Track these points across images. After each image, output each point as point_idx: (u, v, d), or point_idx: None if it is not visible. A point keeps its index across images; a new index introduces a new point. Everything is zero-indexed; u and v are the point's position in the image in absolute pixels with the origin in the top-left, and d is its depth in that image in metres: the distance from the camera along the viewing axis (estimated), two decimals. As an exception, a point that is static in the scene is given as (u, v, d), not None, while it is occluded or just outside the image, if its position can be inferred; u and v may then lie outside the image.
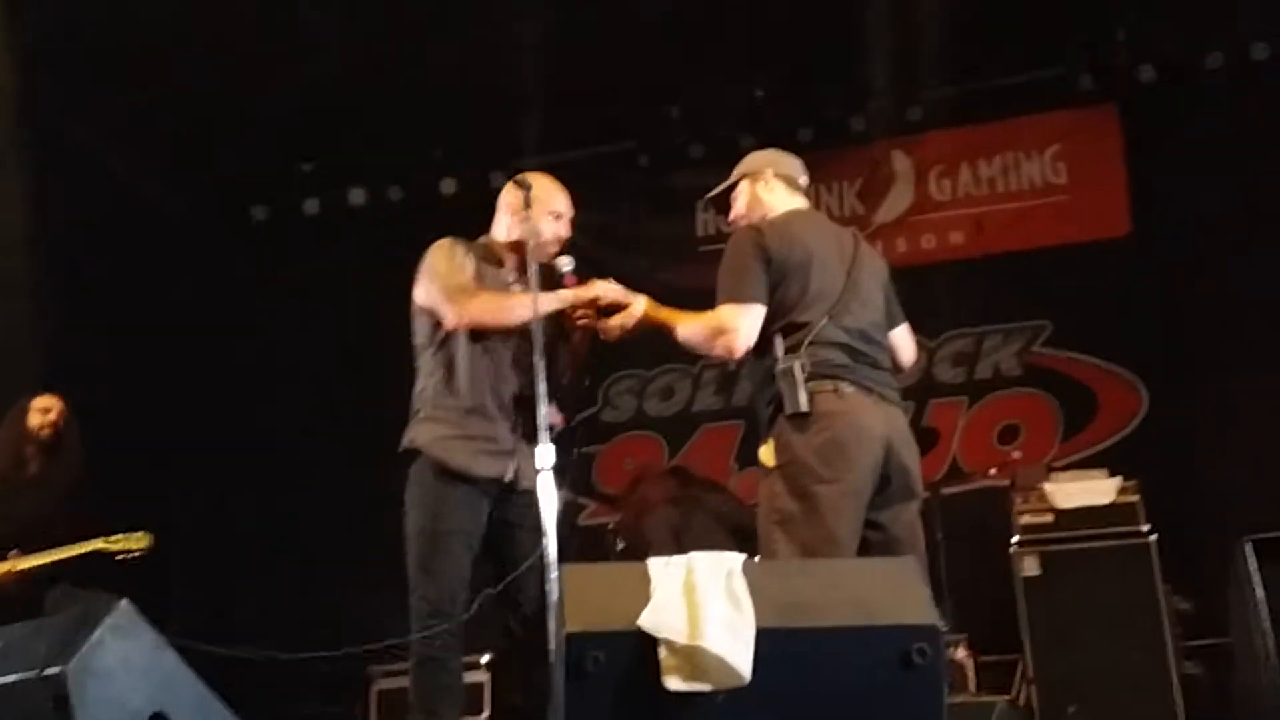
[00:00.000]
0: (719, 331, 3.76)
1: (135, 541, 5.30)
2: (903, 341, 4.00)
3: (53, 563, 5.20)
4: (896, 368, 3.95)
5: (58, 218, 6.85)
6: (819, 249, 3.81)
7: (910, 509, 3.75)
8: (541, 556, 3.47)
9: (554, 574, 3.36)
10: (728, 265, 3.80)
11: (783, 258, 3.72)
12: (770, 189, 4.08)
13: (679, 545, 5.99)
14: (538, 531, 3.56)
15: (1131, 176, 7.54)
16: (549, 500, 3.47)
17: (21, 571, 5.19)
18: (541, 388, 3.57)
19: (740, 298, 3.72)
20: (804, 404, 3.57)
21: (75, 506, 5.48)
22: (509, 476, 3.71)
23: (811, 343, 3.66)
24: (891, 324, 3.96)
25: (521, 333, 3.74)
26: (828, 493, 3.52)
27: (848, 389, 3.62)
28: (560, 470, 3.57)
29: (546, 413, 3.56)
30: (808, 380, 3.60)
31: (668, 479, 6.60)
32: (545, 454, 3.46)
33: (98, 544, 5.25)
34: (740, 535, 5.92)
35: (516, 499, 3.71)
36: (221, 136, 7.76)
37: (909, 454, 3.74)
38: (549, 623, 3.40)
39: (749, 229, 3.89)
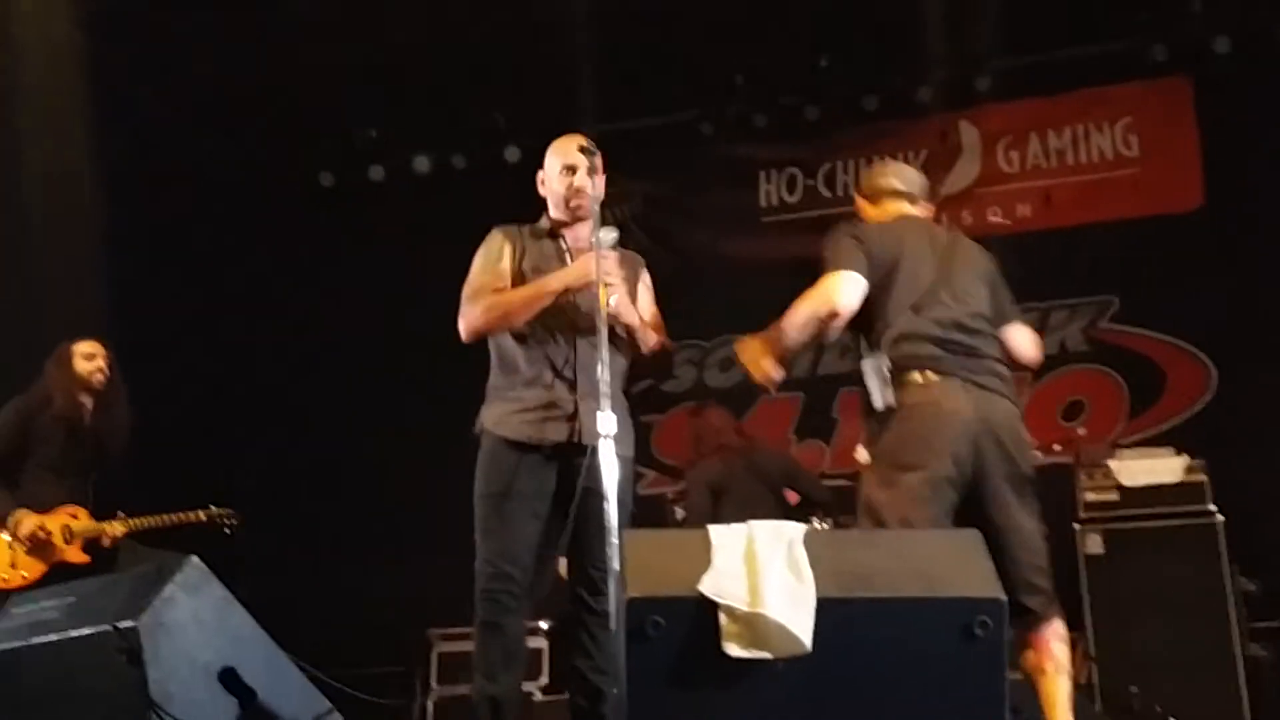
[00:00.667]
0: (820, 297, 3.86)
1: (230, 517, 5.53)
2: (1017, 340, 3.95)
3: (154, 527, 5.33)
4: (1018, 365, 3.93)
5: (126, 182, 6.96)
6: (908, 250, 3.86)
7: (1012, 494, 3.66)
8: (603, 521, 3.48)
9: (614, 539, 3.37)
10: (826, 251, 3.96)
11: (873, 252, 3.84)
12: (868, 204, 4.26)
13: (718, 502, 6.01)
14: (605, 498, 3.57)
15: (1204, 150, 7.41)
16: (609, 466, 3.47)
17: (125, 534, 5.29)
18: (603, 352, 3.56)
19: (839, 267, 3.85)
20: (881, 401, 3.65)
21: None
22: (575, 438, 3.70)
23: (896, 339, 3.71)
24: (1001, 320, 3.92)
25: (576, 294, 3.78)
26: (910, 480, 3.52)
27: (933, 378, 3.63)
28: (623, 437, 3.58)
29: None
30: (892, 374, 3.66)
31: (727, 416, 6.60)
32: (606, 419, 3.45)
33: (200, 515, 5.45)
34: (785, 506, 5.92)
35: (590, 461, 3.68)
36: (288, 102, 7.81)
37: (1010, 438, 3.65)
38: (609, 588, 3.45)
39: (844, 224, 4.08)
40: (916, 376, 3.63)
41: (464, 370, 4.16)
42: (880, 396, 3.65)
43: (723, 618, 2.53)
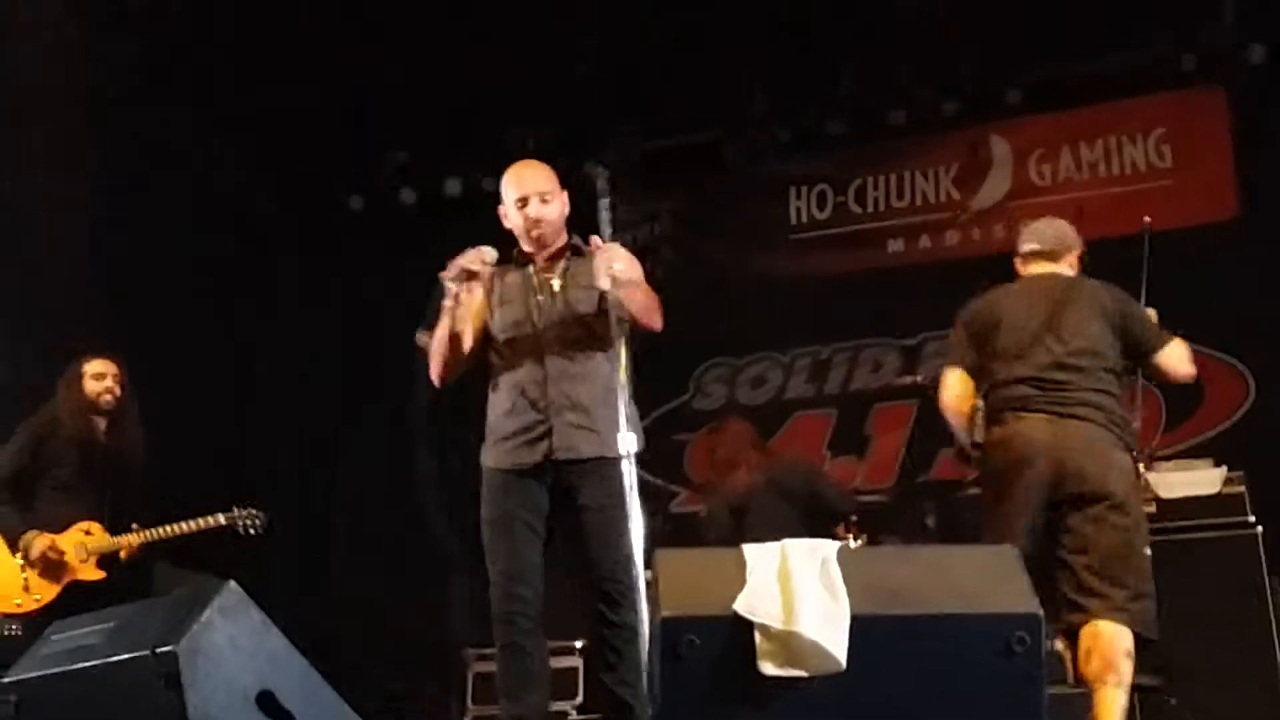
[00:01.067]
0: (941, 399, 4.44)
1: (252, 518, 5.36)
2: (1164, 364, 4.39)
3: (173, 536, 5.22)
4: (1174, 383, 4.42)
5: (152, 204, 7.02)
6: (1010, 308, 4.39)
7: (1089, 513, 4.00)
8: (604, 534, 3.64)
9: (626, 546, 3.56)
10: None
11: (971, 327, 4.47)
12: (1018, 267, 4.68)
13: (741, 523, 5.98)
14: (602, 510, 3.67)
15: (1238, 160, 7.35)
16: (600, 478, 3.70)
17: (142, 545, 5.21)
18: (574, 368, 3.75)
19: (947, 363, 4.51)
20: (968, 441, 4.24)
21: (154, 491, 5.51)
22: (552, 455, 3.74)
23: (994, 386, 4.23)
24: (1138, 350, 4.35)
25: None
26: (994, 516, 4.10)
27: (1021, 416, 4.12)
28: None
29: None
30: (987, 417, 4.21)
31: (745, 429, 6.56)
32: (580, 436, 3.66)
33: (218, 519, 5.28)
34: (809, 503, 5.88)
35: (574, 476, 3.74)
36: (317, 126, 7.88)
37: (1088, 460, 4.02)
38: (626, 599, 3.57)
39: (958, 314, 4.59)
40: (1007, 416, 4.14)
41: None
42: (964, 436, 4.23)
43: (757, 636, 2.53)
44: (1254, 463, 5.93)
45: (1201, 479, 5.80)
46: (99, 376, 5.32)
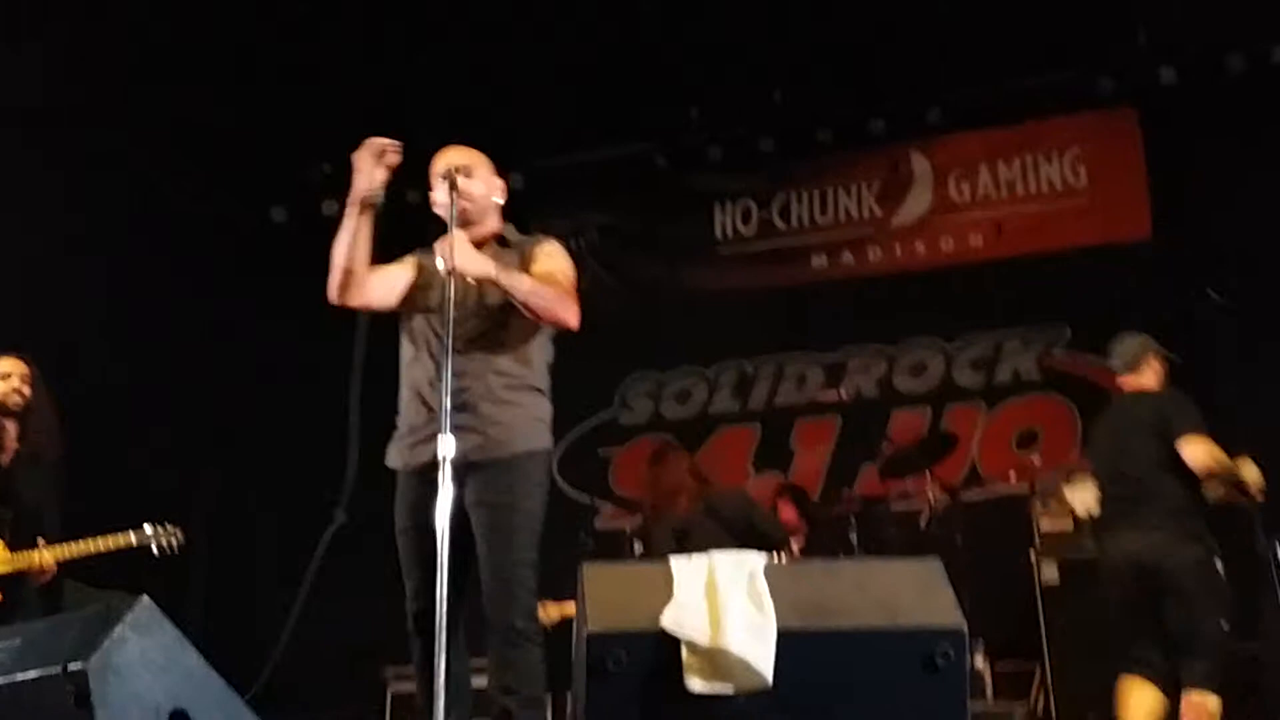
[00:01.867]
0: None
1: (168, 535, 5.08)
2: (1186, 455, 4.72)
3: (83, 555, 4.90)
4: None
5: (82, 217, 6.90)
6: (1098, 431, 5.19)
7: (1174, 602, 4.66)
8: (488, 534, 3.52)
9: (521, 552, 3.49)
10: None
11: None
12: None
13: (680, 547, 5.95)
14: (489, 509, 3.52)
15: (1152, 179, 7.51)
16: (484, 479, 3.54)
17: (47, 563, 4.84)
18: (472, 364, 3.57)
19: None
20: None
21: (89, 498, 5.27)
22: (438, 455, 3.37)
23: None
24: (1166, 445, 4.77)
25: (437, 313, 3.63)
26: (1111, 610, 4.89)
27: (1106, 529, 4.98)
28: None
29: None
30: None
31: (685, 458, 6.54)
32: (447, 441, 3.25)
33: (130, 537, 4.98)
34: (747, 533, 5.89)
35: (465, 475, 3.53)
36: (243, 137, 7.78)
37: (1165, 557, 4.67)
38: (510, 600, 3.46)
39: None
40: (1101, 531, 5.06)
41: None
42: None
43: (684, 652, 2.51)
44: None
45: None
46: (4, 376, 4.97)
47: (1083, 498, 5.89)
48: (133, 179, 7.57)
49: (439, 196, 3.71)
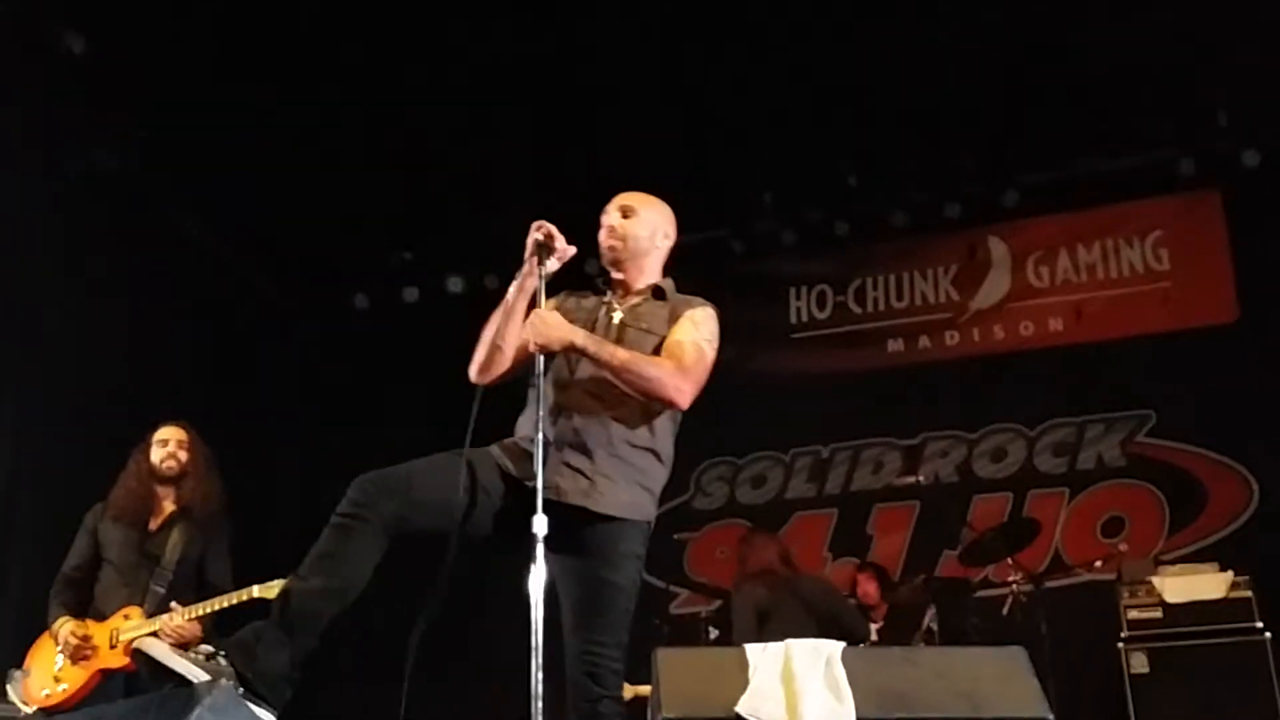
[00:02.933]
0: None
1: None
2: None
3: (211, 613, 4.84)
4: None
5: (168, 303, 7.09)
6: None
7: None
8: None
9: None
10: None
11: None
12: None
13: (762, 627, 5.88)
14: (581, 578, 3.29)
15: (1237, 262, 7.40)
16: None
17: (180, 626, 4.80)
18: (601, 408, 3.36)
19: None
20: None
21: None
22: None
23: None
24: None
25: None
26: None
27: None
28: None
29: None
30: None
31: (776, 543, 6.48)
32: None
33: (255, 591, 4.86)
34: (829, 624, 5.81)
35: (558, 518, 3.19)
36: (325, 225, 7.96)
37: None
38: None
39: None
40: None
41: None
42: None
43: (761, 740, 2.47)
44: (1259, 567, 5.89)
45: (1207, 583, 5.75)
46: (162, 443, 5.16)
47: (1173, 585, 5.75)
48: (220, 266, 7.78)
49: (601, 237, 3.67)
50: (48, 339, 6.43)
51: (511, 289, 3.47)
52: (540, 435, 3.11)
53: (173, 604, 4.88)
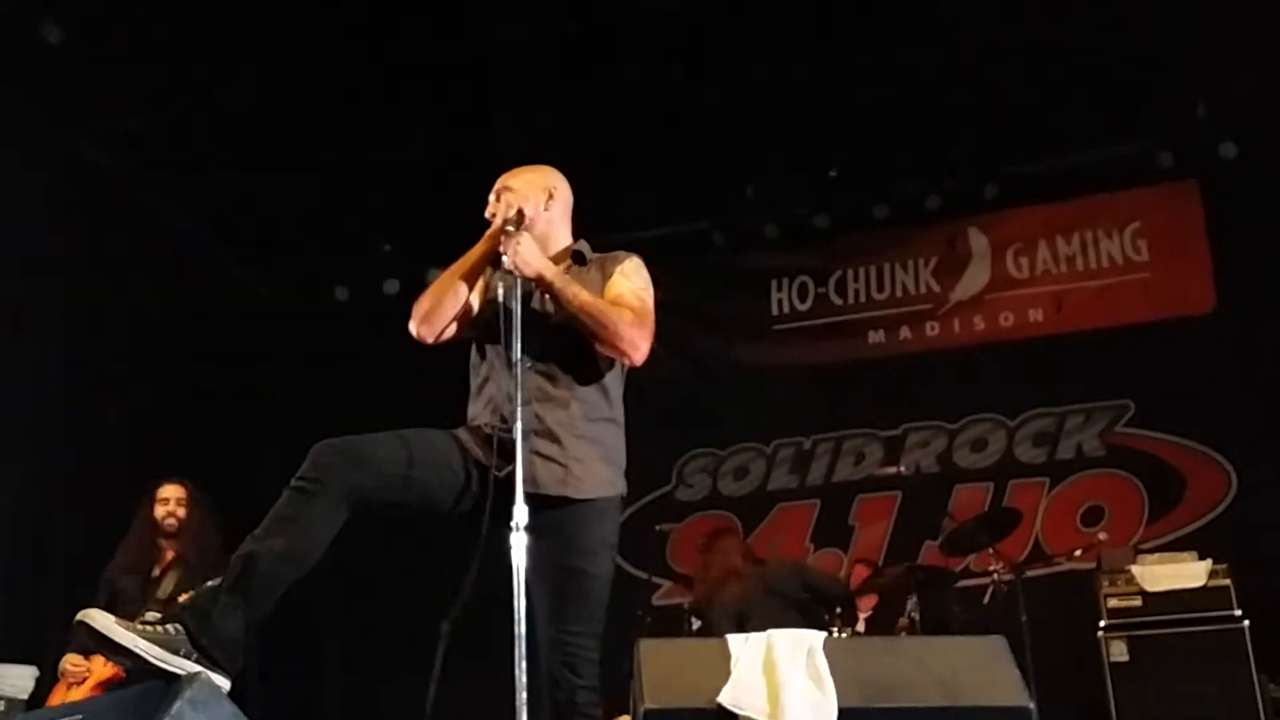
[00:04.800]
0: None
1: None
2: None
3: None
4: None
5: (147, 296, 7.07)
6: None
7: None
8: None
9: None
10: None
11: None
12: None
13: (743, 629, 5.89)
14: (556, 567, 3.22)
15: (1215, 253, 7.43)
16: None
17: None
18: (555, 390, 3.30)
19: None
20: None
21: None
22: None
23: None
24: None
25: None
26: None
27: None
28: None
29: None
30: None
31: (736, 541, 6.50)
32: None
33: None
34: (808, 599, 5.83)
35: (535, 509, 3.16)
36: (306, 217, 7.93)
37: None
38: None
39: None
40: None
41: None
42: None
43: (743, 729, 2.48)
44: (1236, 555, 5.93)
45: (1187, 572, 5.78)
46: (164, 501, 5.60)
47: (1152, 574, 5.78)
48: (201, 258, 7.74)
49: (490, 211, 3.49)
50: (29, 330, 6.40)
51: (477, 250, 3.42)
52: (519, 425, 3.04)
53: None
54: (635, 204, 7.52)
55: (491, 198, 3.55)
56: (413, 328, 3.45)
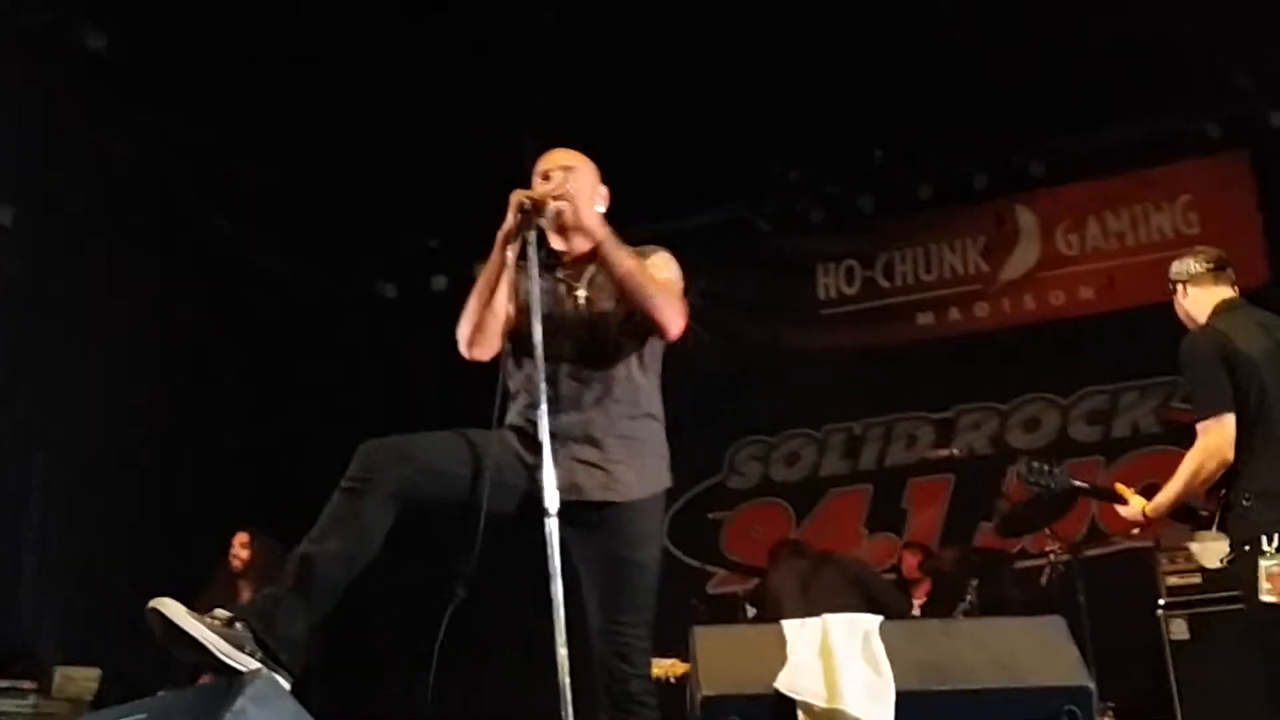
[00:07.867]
0: (1216, 453, 4.00)
1: None
2: None
3: None
4: None
5: (194, 293, 7.15)
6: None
7: None
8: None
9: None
10: (1190, 374, 3.93)
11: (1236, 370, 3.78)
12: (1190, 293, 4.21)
13: (806, 597, 5.87)
14: (603, 561, 3.25)
15: (1267, 223, 7.32)
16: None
17: None
18: (590, 393, 3.29)
19: (1222, 408, 3.89)
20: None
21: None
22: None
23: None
24: None
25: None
26: None
27: None
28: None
29: None
30: None
31: (799, 547, 6.51)
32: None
33: None
34: (868, 601, 5.81)
35: (579, 516, 3.26)
36: (352, 214, 7.98)
37: None
38: None
39: (1202, 334, 4.01)
40: None
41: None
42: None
43: (800, 715, 2.48)
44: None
45: (1248, 547, 5.69)
46: (233, 546, 6.57)
47: (1210, 550, 5.70)
48: (246, 257, 7.82)
49: (539, 195, 3.39)
50: (65, 333, 6.51)
51: (497, 258, 3.40)
52: (545, 428, 3.08)
53: None
54: (679, 192, 7.51)
55: (538, 179, 3.50)
56: (464, 353, 3.46)
